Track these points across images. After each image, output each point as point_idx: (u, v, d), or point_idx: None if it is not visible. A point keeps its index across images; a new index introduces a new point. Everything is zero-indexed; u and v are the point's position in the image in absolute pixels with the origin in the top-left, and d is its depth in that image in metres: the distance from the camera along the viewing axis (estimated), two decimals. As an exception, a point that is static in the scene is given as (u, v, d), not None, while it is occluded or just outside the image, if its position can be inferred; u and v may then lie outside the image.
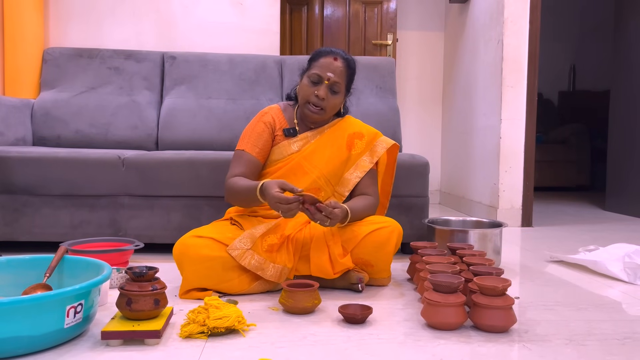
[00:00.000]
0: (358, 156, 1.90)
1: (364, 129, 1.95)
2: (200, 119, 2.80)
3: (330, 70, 1.81)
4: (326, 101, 1.82)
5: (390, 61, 3.04)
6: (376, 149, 1.91)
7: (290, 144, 1.88)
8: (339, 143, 1.90)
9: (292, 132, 1.89)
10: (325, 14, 4.17)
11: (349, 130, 1.93)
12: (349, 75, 1.87)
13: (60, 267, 1.49)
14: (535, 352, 1.25)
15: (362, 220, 1.77)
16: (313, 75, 1.82)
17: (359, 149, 1.90)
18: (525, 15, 3.28)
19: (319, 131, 1.92)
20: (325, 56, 1.83)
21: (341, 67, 1.83)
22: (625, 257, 2.02)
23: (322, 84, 1.81)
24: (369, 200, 1.85)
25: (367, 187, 1.89)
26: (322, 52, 1.86)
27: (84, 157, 2.26)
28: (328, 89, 1.82)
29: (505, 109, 3.30)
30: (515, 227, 3.30)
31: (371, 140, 1.93)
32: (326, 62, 1.82)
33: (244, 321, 1.35)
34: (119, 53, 2.96)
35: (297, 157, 1.86)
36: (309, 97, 1.82)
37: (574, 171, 5.64)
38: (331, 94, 1.83)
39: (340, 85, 1.84)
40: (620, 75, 4.01)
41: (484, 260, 1.65)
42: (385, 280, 1.83)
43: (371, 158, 1.90)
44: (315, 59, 1.85)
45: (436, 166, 4.61)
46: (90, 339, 1.28)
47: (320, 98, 1.81)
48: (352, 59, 1.90)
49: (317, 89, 1.81)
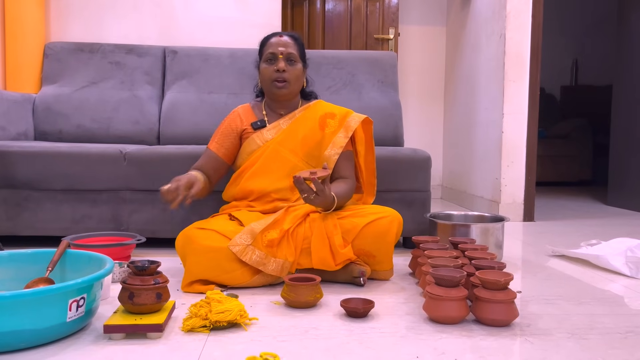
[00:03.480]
0: (332, 134, 1.93)
1: (336, 109, 2.00)
2: (201, 114, 2.80)
3: (280, 45, 1.91)
4: (287, 73, 1.90)
5: (392, 55, 3.03)
6: (350, 124, 1.94)
7: (263, 134, 1.94)
8: (311, 124, 1.95)
9: (260, 123, 1.96)
10: (327, 8, 4.16)
11: (320, 112, 1.98)
12: (299, 45, 1.97)
13: (62, 261, 1.49)
14: (537, 345, 1.25)
15: (361, 210, 1.79)
16: (268, 55, 1.92)
17: (332, 127, 1.94)
18: (527, 9, 3.26)
19: (290, 117, 1.97)
20: (271, 37, 1.95)
21: (289, 41, 1.94)
22: (627, 252, 2.02)
23: (278, 58, 1.90)
24: (348, 183, 1.90)
25: (344, 170, 1.93)
26: (267, 36, 1.98)
27: (85, 151, 2.26)
28: (285, 60, 1.90)
29: (507, 104, 3.30)
30: (517, 221, 3.30)
31: (343, 117, 1.96)
32: (274, 41, 1.93)
33: (246, 315, 1.35)
34: (120, 47, 2.95)
35: (272, 144, 1.92)
36: (271, 75, 1.91)
37: (576, 166, 5.63)
38: (290, 65, 1.91)
39: (294, 55, 1.93)
40: (623, 70, 3.99)
41: (486, 255, 1.65)
42: (388, 273, 1.83)
43: (346, 133, 1.93)
44: (263, 44, 1.97)
45: (438, 161, 4.60)
46: (93, 333, 1.28)
47: (281, 70, 1.89)
48: (296, 34, 2.01)
49: (275, 65, 1.90)
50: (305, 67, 2.01)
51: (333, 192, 1.74)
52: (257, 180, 1.88)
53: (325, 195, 1.67)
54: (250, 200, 1.91)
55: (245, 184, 1.89)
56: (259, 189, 1.88)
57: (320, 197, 1.66)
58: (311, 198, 1.65)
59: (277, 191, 1.89)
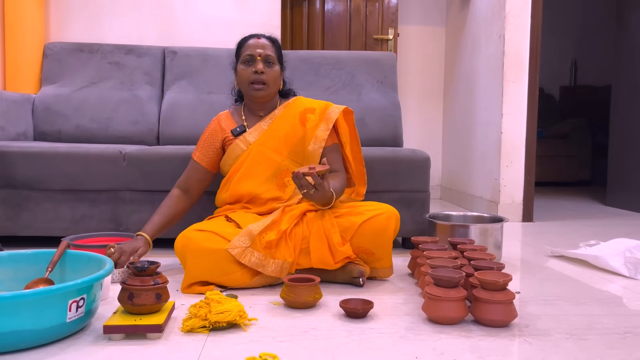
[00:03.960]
0: (314, 129, 1.94)
1: (315, 104, 2.00)
2: (201, 114, 2.80)
3: (258, 47, 1.90)
4: (266, 74, 1.89)
5: (391, 56, 3.03)
6: (330, 115, 1.95)
7: (246, 137, 1.93)
8: (291, 122, 1.95)
9: (240, 129, 1.96)
10: (326, 8, 4.16)
11: (300, 108, 1.98)
12: (276, 47, 1.97)
13: (62, 261, 1.50)
14: (536, 346, 1.25)
15: (358, 208, 1.80)
16: (245, 57, 1.91)
17: (312, 122, 1.95)
18: (526, 9, 3.27)
19: (270, 117, 1.97)
20: (248, 39, 1.94)
21: (266, 42, 1.93)
22: (626, 252, 2.02)
23: (256, 60, 1.89)
24: (341, 177, 1.92)
25: (333, 163, 1.93)
26: (244, 38, 1.97)
27: (85, 152, 2.26)
28: (263, 62, 1.90)
29: (506, 104, 3.30)
30: (516, 222, 3.30)
31: (323, 110, 1.97)
32: (251, 42, 1.92)
33: (245, 315, 1.35)
34: (120, 48, 2.95)
35: (255, 145, 1.92)
36: (249, 77, 1.90)
37: (575, 166, 5.63)
38: (268, 67, 1.90)
39: (272, 57, 1.92)
40: (622, 70, 4.00)
41: (485, 255, 1.65)
42: (387, 272, 1.83)
43: (327, 125, 1.93)
44: (241, 46, 1.95)
45: (437, 161, 4.61)
46: (92, 333, 1.28)
47: (259, 72, 1.88)
48: (273, 36, 2.00)
49: (253, 67, 1.89)
50: (283, 69, 2.00)
51: (330, 188, 1.74)
52: (245, 183, 1.88)
53: (324, 190, 1.67)
54: (244, 202, 1.91)
55: (234, 189, 1.90)
56: (248, 192, 1.88)
57: (319, 192, 1.66)
58: (310, 193, 1.66)
59: (267, 191, 1.88)
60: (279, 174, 1.90)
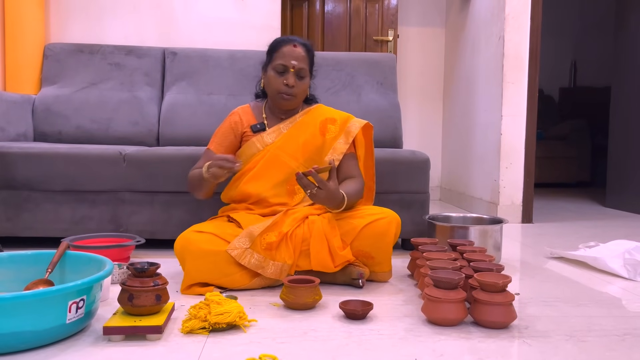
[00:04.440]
0: (333, 140, 1.92)
1: (336, 114, 1.99)
2: (201, 115, 2.80)
3: (293, 58, 1.86)
4: (295, 88, 1.88)
5: (391, 57, 3.04)
6: (350, 129, 1.93)
7: (263, 137, 1.91)
8: (312, 130, 1.93)
9: (260, 126, 1.94)
10: (326, 9, 4.16)
11: (320, 117, 1.97)
12: (310, 58, 1.93)
13: (62, 262, 1.50)
14: (536, 348, 1.26)
15: (359, 212, 1.79)
16: (278, 66, 1.87)
17: (332, 133, 1.93)
18: (526, 11, 3.27)
19: (291, 121, 1.95)
20: (285, 45, 1.89)
21: (302, 53, 1.89)
22: (625, 254, 2.02)
23: (288, 72, 1.86)
24: (357, 182, 1.89)
25: (351, 170, 1.92)
26: (281, 41, 1.92)
27: (85, 152, 2.26)
28: (295, 75, 1.87)
29: (506, 105, 3.30)
30: (516, 223, 3.30)
31: (344, 122, 1.95)
32: (287, 50, 1.87)
33: (245, 317, 1.35)
34: (120, 49, 2.95)
35: (272, 148, 1.90)
36: (279, 88, 1.87)
37: (574, 167, 5.63)
38: (299, 80, 1.89)
39: (305, 70, 1.89)
40: (621, 72, 4.00)
41: (485, 257, 1.66)
42: (387, 275, 1.83)
43: (346, 139, 1.92)
44: (276, 50, 1.90)
45: (437, 162, 4.61)
46: (92, 335, 1.29)
47: (290, 86, 1.86)
48: (309, 43, 1.96)
49: (285, 79, 1.86)
50: (312, 78, 1.98)
51: (343, 191, 1.73)
52: (255, 183, 1.87)
53: (329, 190, 1.65)
54: (249, 203, 1.90)
55: (244, 187, 1.89)
56: (257, 193, 1.87)
57: (323, 190, 1.64)
58: (314, 192, 1.64)
59: (275, 196, 1.88)
60: (290, 180, 1.87)
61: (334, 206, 1.74)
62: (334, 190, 1.67)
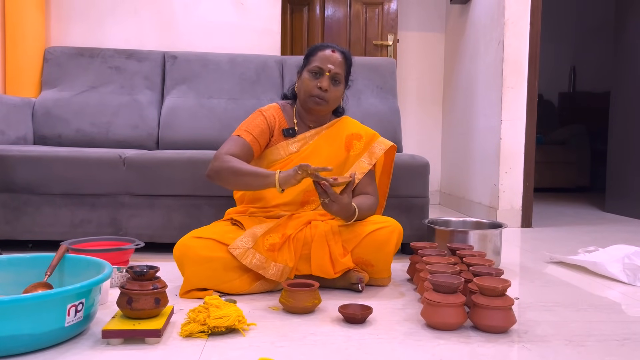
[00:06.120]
0: (356, 157, 1.90)
1: (362, 130, 1.96)
2: (201, 119, 2.81)
3: (330, 62, 1.84)
4: (329, 92, 1.84)
5: (391, 62, 3.04)
6: (374, 150, 1.92)
7: (288, 145, 1.89)
8: (337, 144, 1.91)
9: (291, 132, 1.90)
10: (326, 14, 4.18)
11: (347, 131, 1.94)
12: (347, 66, 1.91)
13: (61, 265, 1.49)
14: (535, 352, 1.25)
15: (362, 220, 1.77)
16: (314, 68, 1.84)
17: (357, 150, 1.91)
18: (525, 16, 3.28)
19: (317, 131, 1.92)
20: (323, 50, 1.87)
21: (340, 59, 1.86)
22: (624, 259, 2.02)
23: (324, 75, 1.83)
24: (371, 199, 1.86)
25: (366, 187, 1.89)
26: (320, 46, 1.90)
27: (84, 156, 2.26)
28: (330, 80, 1.84)
29: (505, 110, 3.31)
30: (515, 227, 3.30)
31: (369, 141, 1.93)
32: (325, 54, 1.85)
33: (244, 320, 1.35)
34: (120, 52, 2.96)
35: (295, 158, 1.87)
36: (311, 90, 1.84)
37: (573, 172, 5.64)
38: (333, 85, 1.86)
39: (340, 75, 1.86)
40: (621, 77, 4.01)
41: (484, 261, 1.65)
42: (386, 280, 1.83)
43: (370, 159, 1.90)
44: (314, 54, 1.88)
45: (436, 167, 4.61)
46: (91, 338, 1.28)
47: (323, 89, 1.83)
48: (348, 51, 1.94)
49: (319, 81, 1.83)
50: (347, 87, 1.95)
51: (355, 204, 1.72)
52: (271, 190, 1.77)
53: (341, 203, 1.63)
54: (259, 207, 1.88)
55: (259, 192, 1.86)
56: (269, 198, 1.86)
57: (336, 204, 1.62)
58: (326, 202, 1.63)
59: (288, 204, 1.86)
60: (307, 191, 1.86)
61: (344, 218, 1.73)
62: (346, 204, 1.65)
